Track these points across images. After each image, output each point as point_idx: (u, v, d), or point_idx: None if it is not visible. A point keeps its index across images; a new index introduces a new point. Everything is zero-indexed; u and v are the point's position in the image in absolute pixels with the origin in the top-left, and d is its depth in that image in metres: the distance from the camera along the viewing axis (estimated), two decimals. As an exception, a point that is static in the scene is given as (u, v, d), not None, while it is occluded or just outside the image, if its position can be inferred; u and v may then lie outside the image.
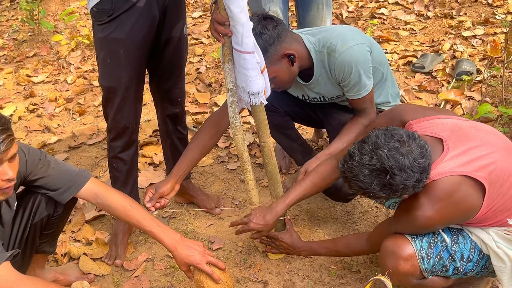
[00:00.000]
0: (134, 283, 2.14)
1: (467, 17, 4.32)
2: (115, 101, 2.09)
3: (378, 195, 1.56)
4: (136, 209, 1.82)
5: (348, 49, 1.99)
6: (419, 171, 1.52)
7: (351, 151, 1.60)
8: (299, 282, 2.07)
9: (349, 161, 1.58)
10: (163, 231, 1.81)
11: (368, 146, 1.55)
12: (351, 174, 1.57)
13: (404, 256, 1.65)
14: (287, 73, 2.02)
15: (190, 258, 1.79)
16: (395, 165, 1.50)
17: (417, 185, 1.54)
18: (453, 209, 1.58)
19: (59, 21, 5.21)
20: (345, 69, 2.00)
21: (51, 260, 2.29)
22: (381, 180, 1.52)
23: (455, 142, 1.62)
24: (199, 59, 4.24)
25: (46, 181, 1.76)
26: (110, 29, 1.96)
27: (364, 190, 1.57)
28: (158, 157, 2.97)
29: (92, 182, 1.82)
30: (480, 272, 1.72)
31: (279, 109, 2.36)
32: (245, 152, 1.99)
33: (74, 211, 2.56)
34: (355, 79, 2.01)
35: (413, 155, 1.51)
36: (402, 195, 1.57)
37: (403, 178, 1.51)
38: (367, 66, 2.02)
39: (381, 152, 1.51)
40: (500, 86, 3.02)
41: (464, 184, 1.55)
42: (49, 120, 3.60)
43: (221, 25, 1.72)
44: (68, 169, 1.81)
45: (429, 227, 1.63)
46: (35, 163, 1.73)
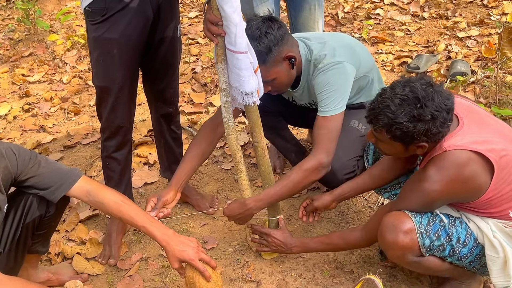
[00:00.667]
0: (127, 283, 2.14)
1: (462, 18, 4.34)
2: (108, 100, 2.09)
3: (405, 128, 1.55)
4: (128, 205, 1.81)
5: (331, 64, 1.97)
6: (446, 111, 1.55)
7: (383, 89, 1.64)
8: (292, 282, 2.07)
9: (380, 96, 1.62)
10: (156, 226, 1.79)
11: (400, 82, 1.60)
12: (381, 106, 1.59)
13: (404, 230, 1.67)
14: (287, 75, 2.02)
15: (183, 254, 1.77)
16: (426, 97, 1.54)
17: (442, 126, 1.55)
18: (460, 185, 1.59)
19: (55, 21, 5.21)
20: (321, 82, 1.99)
21: (44, 259, 2.29)
22: (411, 110, 1.54)
23: (470, 121, 1.65)
24: (194, 59, 4.24)
25: (36, 180, 1.75)
26: (103, 29, 1.96)
27: (391, 121, 1.57)
28: (153, 157, 2.97)
29: (83, 180, 1.81)
30: (473, 262, 1.73)
31: (272, 109, 2.37)
32: (239, 152, 2.00)
33: (68, 211, 2.56)
34: (324, 93, 1.97)
35: (443, 94, 1.57)
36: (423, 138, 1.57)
37: (432, 109, 1.53)
38: (342, 85, 1.99)
39: (414, 84, 1.57)
40: (494, 87, 3.03)
41: (474, 161, 1.57)
42: (44, 120, 3.59)
43: (214, 25, 1.72)
44: (59, 168, 1.80)
45: (434, 200, 1.64)
46: (26, 163, 1.72)
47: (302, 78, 2.10)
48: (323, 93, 1.98)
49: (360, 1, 5.01)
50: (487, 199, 1.62)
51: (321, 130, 1.96)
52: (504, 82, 3.15)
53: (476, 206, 1.67)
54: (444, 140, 1.62)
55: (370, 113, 1.65)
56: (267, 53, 1.90)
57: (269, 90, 2.03)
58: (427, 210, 1.70)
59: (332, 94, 1.97)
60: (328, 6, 4.93)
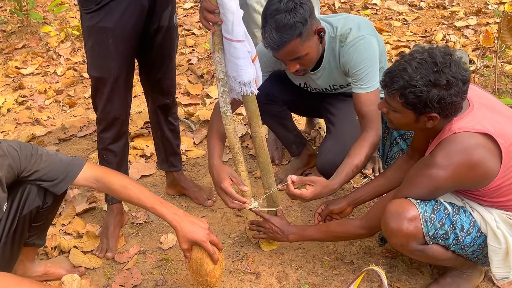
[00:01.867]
0: (125, 276, 2.12)
1: (460, 8, 4.31)
2: (104, 91, 2.05)
3: (419, 92, 1.53)
4: (136, 187, 1.79)
5: (359, 38, 1.95)
6: (462, 81, 1.53)
7: (401, 55, 1.63)
8: (292, 273, 2.06)
9: (398, 61, 1.60)
10: (165, 206, 1.78)
11: (420, 49, 1.60)
12: (398, 68, 1.58)
13: (409, 217, 1.65)
14: (316, 50, 1.98)
15: (194, 235, 1.74)
16: (444, 63, 1.53)
17: (456, 96, 1.53)
18: (468, 170, 1.57)
19: (48, 12, 5.15)
20: (354, 57, 1.97)
21: (41, 253, 2.26)
22: (427, 74, 1.53)
23: (481, 105, 1.64)
24: (190, 50, 4.21)
25: (40, 174, 1.74)
26: (98, 18, 1.93)
27: (406, 83, 1.55)
28: (150, 149, 2.94)
29: (88, 167, 1.80)
30: (475, 252, 1.72)
31: (278, 98, 2.34)
32: (237, 143, 1.97)
33: (64, 204, 2.53)
34: (363, 69, 1.97)
35: (460, 65, 1.55)
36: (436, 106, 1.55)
37: (449, 75, 1.52)
38: (375, 59, 1.99)
39: (433, 50, 1.57)
40: (493, 76, 3.02)
41: (483, 146, 1.56)
42: (38, 112, 3.55)
43: (211, 13, 1.69)
44: (61, 159, 1.78)
45: (441, 185, 1.62)
46: (28, 158, 1.70)
47: (325, 56, 2.05)
48: (362, 70, 1.97)
49: (357, -9, 4.97)
50: (495, 186, 1.60)
51: (371, 107, 1.96)
52: (503, 72, 3.13)
53: (484, 194, 1.65)
54: (454, 122, 1.60)
55: (386, 76, 1.62)
56: (304, 24, 1.84)
57: (297, 69, 1.97)
58: (433, 197, 1.68)
59: (370, 69, 1.96)
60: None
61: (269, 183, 2.06)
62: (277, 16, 1.82)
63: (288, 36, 1.83)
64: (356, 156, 1.95)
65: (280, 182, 2.52)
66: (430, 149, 1.69)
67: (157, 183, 2.71)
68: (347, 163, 1.95)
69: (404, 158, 1.98)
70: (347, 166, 1.95)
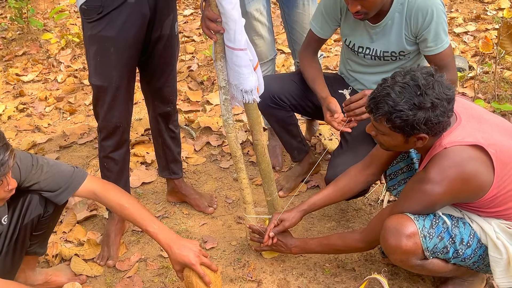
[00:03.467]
0: (127, 284, 2.11)
1: (459, 14, 4.33)
2: (105, 100, 2.06)
3: (405, 116, 1.53)
4: (133, 207, 1.83)
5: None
6: (446, 100, 1.53)
7: (383, 79, 1.62)
8: (293, 281, 2.05)
9: (381, 85, 1.60)
10: (159, 229, 1.82)
11: (401, 72, 1.60)
12: (381, 94, 1.58)
13: (407, 234, 1.64)
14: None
15: (184, 259, 1.80)
16: (427, 85, 1.53)
17: (442, 115, 1.53)
18: (462, 184, 1.57)
19: (49, 19, 5.15)
20: (428, 12, 1.94)
21: (42, 261, 2.26)
22: (411, 97, 1.52)
23: (468, 117, 1.64)
24: (190, 57, 4.21)
25: (41, 185, 1.75)
26: (100, 27, 1.93)
27: (392, 109, 1.54)
28: (150, 156, 2.94)
29: (89, 180, 1.83)
30: (477, 263, 1.72)
31: (286, 103, 2.34)
32: (238, 150, 1.97)
33: (65, 212, 2.52)
34: (437, 27, 1.94)
35: (443, 84, 1.55)
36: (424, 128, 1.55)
37: (433, 97, 1.52)
38: (445, 15, 1.98)
39: (415, 73, 1.56)
40: (493, 82, 3.03)
41: (475, 158, 1.56)
42: (39, 120, 3.55)
43: (213, 22, 1.70)
44: (63, 171, 1.79)
45: (437, 201, 1.62)
46: (29, 169, 1.70)
47: (392, 10, 2.01)
48: (432, 28, 1.95)
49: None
50: (491, 197, 1.60)
51: (448, 58, 2.03)
52: (502, 78, 3.14)
53: (480, 205, 1.65)
54: (444, 137, 1.60)
55: (371, 102, 1.62)
56: None
57: (358, 10, 1.95)
58: (429, 212, 1.68)
59: (440, 28, 1.96)
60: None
61: (270, 191, 2.06)
62: None
63: None
64: None
65: (281, 189, 2.53)
66: (422, 165, 1.69)
67: (158, 190, 2.71)
68: None
69: (359, 168, 1.97)
70: None
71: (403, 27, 2.03)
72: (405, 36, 2.06)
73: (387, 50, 2.13)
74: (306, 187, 2.61)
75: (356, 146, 2.20)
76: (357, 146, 2.19)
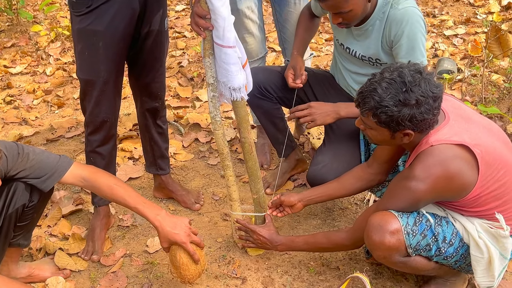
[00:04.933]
0: (111, 279, 2.11)
1: (449, 16, 4.36)
2: (93, 94, 2.05)
3: (390, 112, 1.55)
4: (121, 187, 1.84)
5: (413, 7, 1.95)
6: (432, 98, 1.55)
7: (372, 74, 1.64)
8: (278, 279, 2.06)
9: (369, 80, 1.62)
10: (148, 206, 1.83)
11: (390, 68, 1.61)
12: (368, 89, 1.59)
13: (391, 230, 1.66)
14: (362, 9, 1.97)
15: (175, 237, 1.81)
16: (413, 82, 1.54)
17: (427, 113, 1.55)
18: (446, 182, 1.59)
19: (39, 12, 5.11)
20: (403, 24, 1.95)
21: (25, 255, 2.25)
22: (397, 94, 1.54)
23: (456, 116, 1.66)
24: (181, 53, 4.20)
25: (27, 173, 1.74)
26: (88, 21, 1.92)
27: (377, 104, 1.56)
28: (138, 152, 2.93)
29: (76, 166, 1.83)
30: (458, 262, 1.74)
31: (272, 95, 2.35)
32: (226, 147, 1.98)
33: (51, 206, 2.51)
34: (409, 42, 1.95)
35: (431, 82, 1.57)
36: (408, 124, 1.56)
37: (418, 94, 1.53)
38: (423, 36, 1.97)
39: (403, 69, 1.57)
40: (480, 85, 3.05)
41: (460, 157, 1.58)
42: (26, 112, 3.52)
43: (202, 19, 1.69)
44: (48, 157, 1.78)
45: (421, 198, 1.64)
46: (15, 158, 1.69)
47: (373, 16, 2.03)
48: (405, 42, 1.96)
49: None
50: (474, 196, 1.62)
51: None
52: (490, 81, 3.17)
53: (464, 204, 1.67)
54: (430, 135, 1.62)
55: (358, 97, 1.64)
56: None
57: (339, 22, 1.99)
58: (413, 209, 1.70)
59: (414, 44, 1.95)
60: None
61: (257, 188, 2.07)
62: None
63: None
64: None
65: (268, 187, 2.53)
66: (408, 162, 1.71)
67: (145, 185, 2.70)
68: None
69: (363, 166, 2.01)
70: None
71: (381, 34, 2.05)
72: (381, 44, 2.08)
73: (365, 55, 2.16)
74: (293, 185, 2.62)
75: (338, 144, 2.22)
76: (339, 145, 2.21)
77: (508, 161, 1.66)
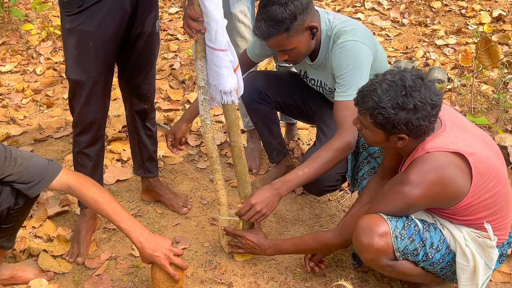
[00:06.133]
0: (95, 282, 2.08)
1: (441, 26, 4.39)
2: (81, 95, 2.02)
3: (386, 114, 1.55)
4: (107, 202, 1.82)
5: (350, 41, 1.96)
6: (431, 105, 1.55)
7: (375, 74, 1.64)
8: (264, 285, 2.05)
9: (371, 80, 1.62)
10: (131, 225, 1.82)
11: (393, 71, 1.61)
12: (369, 89, 1.60)
13: (379, 233, 1.66)
14: (306, 46, 1.98)
15: (155, 259, 1.83)
16: (413, 87, 1.54)
17: (424, 119, 1.55)
18: (440, 188, 1.60)
19: (31, 10, 5.07)
20: (340, 59, 1.96)
21: (8, 256, 2.21)
22: (396, 97, 1.54)
23: (453, 125, 1.67)
24: (173, 55, 4.19)
25: (14, 178, 1.71)
26: (79, 21, 1.90)
27: (375, 105, 1.56)
28: (126, 154, 2.91)
29: (64, 173, 1.80)
30: (444, 269, 1.75)
31: (271, 99, 2.35)
32: (215, 151, 1.97)
33: (36, 206, 2.47)
34: (347, 74, 1.95)
35: (431, 89, 1.57)
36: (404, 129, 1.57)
37: (417, 100, 1.53)
38: (362, 67, 1.96)
39: (405, 73, 1.58)
40: (469, 95, 3.07)
41: (455, 164, 1.59)
42: (15, 111, 3.48)
43: (195, 21, 1.69)
44: (37, 162, 1.75)
45: (414, 203, 1.64)
46: (1, 162, 1.66)
47: (321, 51, 2.06)
48: (344, 76, 1.95)
49: (342, 4, 5.03)
50: (466, 205, 1.63)
51: (346, 112, 1.92)
52: (479, 91, 3.19)
53: (454, 212, 1.67)
54: (427, 141, 1.63)
55: (358, 95, 1.64)
56: (292, 21, 1.85)
57: (285, 59, 2.00)
58: (405, 214, 1.70)
59: (352, 77, 1.94)
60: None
61: (245, 193, 2.06)
62: (269, 8, 1.85)
63: (274, 30, 1.86)
64: (312, 161, 1.92)
65: None
66: (404, 167, 1.71)
67: (133, 188, 2.68)
68: (300, 167, 1.94)
69: (376, 180, 1.99)
70: (298, 169, 1.94)
71: (328, 68, 2.07)
72: (331, 75, 2.08)
73: (326, 83, 2.19)
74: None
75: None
76: None
77: (500, 171, 1.68)
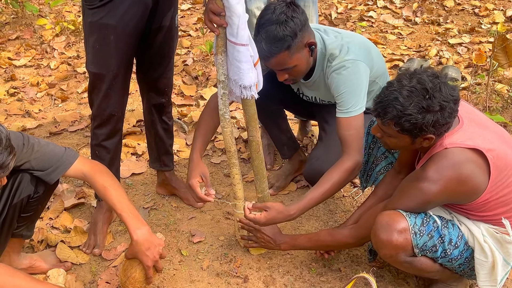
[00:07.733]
0: (112, 273, 2.10)
1: (454, 25, 4.38)
2: (102, 88, 2.04)
3: (414, 119, 1.55)
4: (115, 190, 1.82)
5: (345, 62, 1.96)
6: (453, 101, 1.56)
7: (389, 82, 1.63)
8: (279, 278, 2.06)
9: (387, 89, 1.62)
10: (133, 217, 1.80)
11: (406, 75, 1.61)
12: (389, 98, 1.59)
13: (399, 229, 1.67)
14: (306, 63, 1.99)
15: (143, 257, 1.81)
16: (434, 88, 1.55)
17: (450, 116, 1.56)
18: (458, 184, 1.60)
19: (44, 5, 5.11)
20: (336, 81, 1.98)
21: (26, 246, 2.24)
22: (420, 101, 1.54)
23: (470, 121, 1.67)
24: (186, 51, 4.21)
25: (32, 164, 1.74)
26: (101, 14, 1.92)
27: (401, 113, 1.56)
28: (141, 147, 2.93)
29: (80, 161, 1.83)
30: (462, 265, 1.75)
31: (275, 97, 2.35)
32: (233, 146, 1.98)
33: (53, 198, 2.50)
34: (345, 94, 1.96)
35: (449, 85, 1.58)
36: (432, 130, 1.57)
37: (441, 99, 1.54)
38: (359, 84, 1.97)
39: (421, 76, 1.58)
40: (484, 93, 3.07)
41: (473, 161, 1.59)
42: (30, 105, 3.52)
43: (216, 16, 1.70)
44: (53, 150, 1.78)
45: (432, 199, 1.65)
46: (20, 149, 1.69)
47: (316, 70, 2.07)
48: (343, 96, 1.96)
49: (354, 2, 5.03)
50: (483, 201, 1.64)
51: (350, 131, 1.93)
52: (494, 90, 3.19)
53: (472, 208, 1.68)
54: (445, 137, 1.63)
55: (378, 106, 1.63)
56: (293, 38, 1.85)
57: (286, 78, 2.00)
58: (423, 210, 1.71)
59: (351, 95, 1.95)
60: (321, 6, 4.93)
61: (262, 187, 2.07)
62: (268, 27, 1.85)
63: (276, 48, 1.86)
64: (324, 183, 1.93)
65: (271, 187, 2.53)
66: (421, 163, 1.72)
67: (148, 182, 2.70)
68: (312, 190, 1.95)
69: (392, 174, 2.00)
70: (311, 192, 1.95)
71: (326, 85, 2.08)
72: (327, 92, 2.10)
73: (323, 99, 2.22)
74: (296, 187, 2.62)
75: (330, 141, 2.22)
76: (331, 141, 2.21)
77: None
